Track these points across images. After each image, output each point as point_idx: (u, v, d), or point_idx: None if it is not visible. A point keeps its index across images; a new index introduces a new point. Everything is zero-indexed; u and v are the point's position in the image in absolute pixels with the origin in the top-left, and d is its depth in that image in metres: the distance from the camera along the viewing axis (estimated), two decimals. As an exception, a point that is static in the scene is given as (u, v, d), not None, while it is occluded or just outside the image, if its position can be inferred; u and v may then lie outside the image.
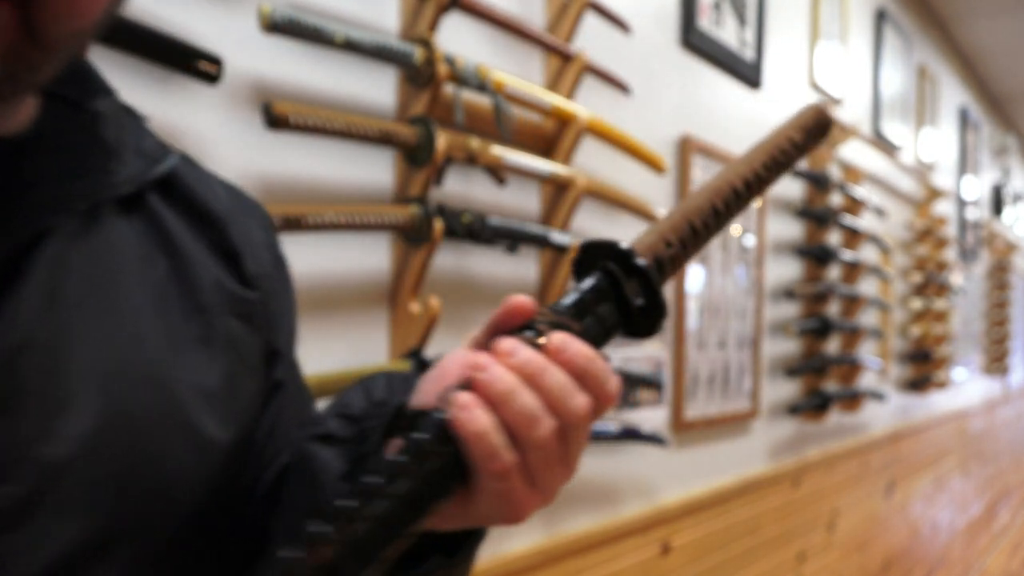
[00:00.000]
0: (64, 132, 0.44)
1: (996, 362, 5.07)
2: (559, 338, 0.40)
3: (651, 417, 1.73)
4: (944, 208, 3.87)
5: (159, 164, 0.48)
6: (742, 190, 0.50)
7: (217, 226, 0.51)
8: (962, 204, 4.28)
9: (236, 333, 0.49)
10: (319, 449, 0.47)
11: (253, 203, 0.57)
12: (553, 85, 1.43)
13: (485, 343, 0.41)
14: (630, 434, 1.54)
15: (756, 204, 2.14)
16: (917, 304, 3.45)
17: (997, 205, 5.14)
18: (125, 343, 0.43)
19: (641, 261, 0.45)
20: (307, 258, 1.03)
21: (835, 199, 2.60)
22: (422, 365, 1.09)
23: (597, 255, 0.45)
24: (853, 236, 2.67)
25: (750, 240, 2.14)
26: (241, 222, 0.53)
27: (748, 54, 2.09)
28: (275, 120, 0.92)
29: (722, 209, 0.49)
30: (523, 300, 0.41)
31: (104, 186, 0.44)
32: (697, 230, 0.47)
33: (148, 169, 0.47)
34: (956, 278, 3.92)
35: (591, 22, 1.51)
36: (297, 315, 0.59)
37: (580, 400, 0.39)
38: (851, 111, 2.80)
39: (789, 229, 2.39)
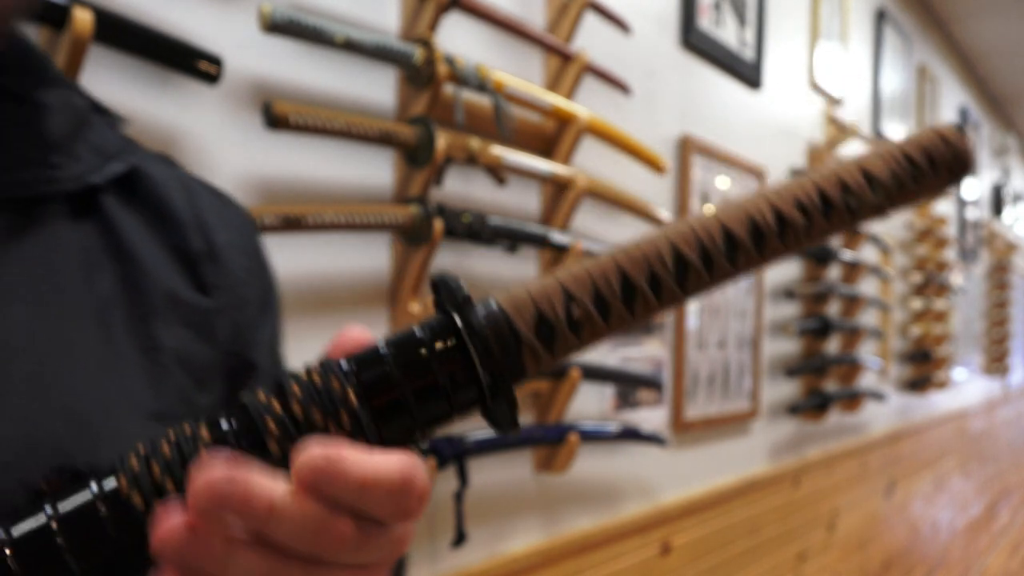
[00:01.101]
0: None
1: (996, 362, 5.07)
2: (316, 460, 0.26)
3: (651, 417, 1.73)
4: (944, 208, 3.87)
5: (115, 163, 0.45)
6: (742, 239, 0.32)
7: (178, 230, 0.47)
8: (962, 204, 4.28)
9: (188, 346, 0.45)
10: None
11: (235, 208, 0.54)
12: (553, 85, 1.43)
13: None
14: (630, 434, 1.54)
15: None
16: (917, 304, 3.45)
17: (997, 205, 5.14)
18: (48, 354, 0.38)
19: (483, 316, 0.30)
20: (307, 258, 1.03)
21: (835, 199, 2.59)
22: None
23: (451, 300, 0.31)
24: (853, 236, 2.67)
25: (750, 240, 2.13)
26: (212, 226, 0.49)
27: (748, 54, 2.09)
28: (275, 120, 0.92)
29: (694, 259, 0.32)
30: (355, 336, 0.31)
31: (40, 181, 0.41)
32: (636, 286, 0.32)
33: (101, 167, 0.43)
34: (956, 278, 3.92)
35: (591, 22, 1.51)
36: (280, 323, 0.55)
37: (348, 536, 0.27)
38: (851, 111, 2.80)
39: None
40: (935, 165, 0.36)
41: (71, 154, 0.42)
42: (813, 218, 0.33)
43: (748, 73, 2.09)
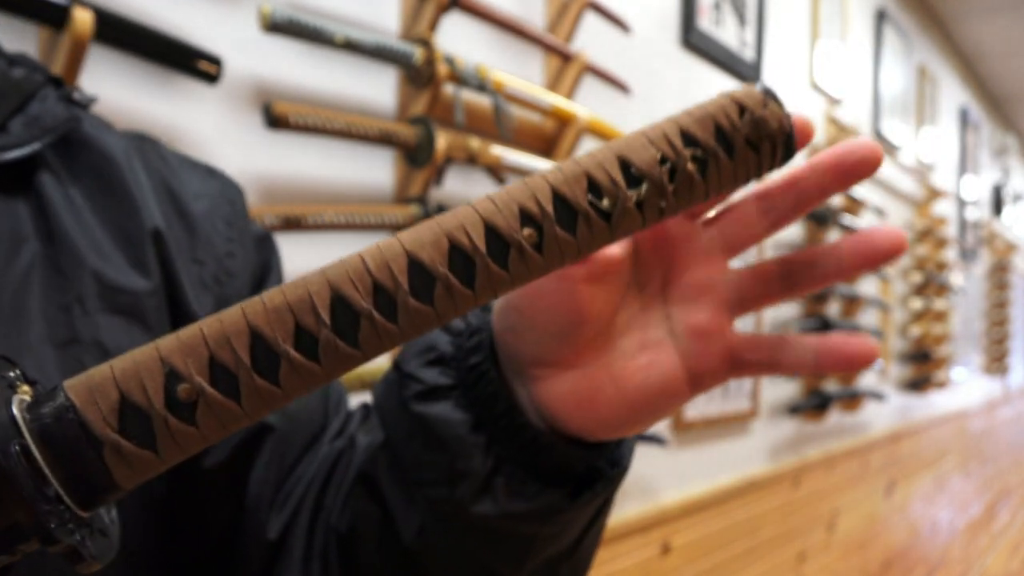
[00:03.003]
0: None
1: (996, 362, 5.07)
2: None
3: (651, 417, 1.73)
4: (944, 208, 3.87)
5: (49, 137, 0.41)
6: (438, 270, 0.24)
7: (126, 207, 0.43)
8: (962, 204, 4.28)
9: (111, 334, 0.40)
10: (427, 408, 0.36)
11: (217, 179, 0.50)
12: (553, 85, 1.43)
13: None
14: (630, 434, 1.54)
15: None
16: (917, 304, 3.45)
17: (997, 205, 5.14)
18: None
19: (35, 417, 0.22)
20: (307, 258, 1.03)
21: (835, 199, 2.60)
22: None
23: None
24: (853, 236, 2.66)
25: (750, 240, 2.13)
26: (188, 197, 0.46)
27: (748, 54, 2.09)
28: (275, 120, 0.92)
29: (363, 305, 0.23)
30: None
31: None
32: (274, 348, 0.23)
33: (30, 142, 0.40)
34: (956, 278, 3.92)
35: (591, 22, 1.51)
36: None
37: None
38: (851, 111, 2.80)
39: (789, 229, 2.39)
40: (730, 146, 0.26)
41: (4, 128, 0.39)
42: (547, 232, 0.24)
43: (748, 73, 2.09)
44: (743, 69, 2.07)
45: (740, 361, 0.33)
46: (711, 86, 1.96)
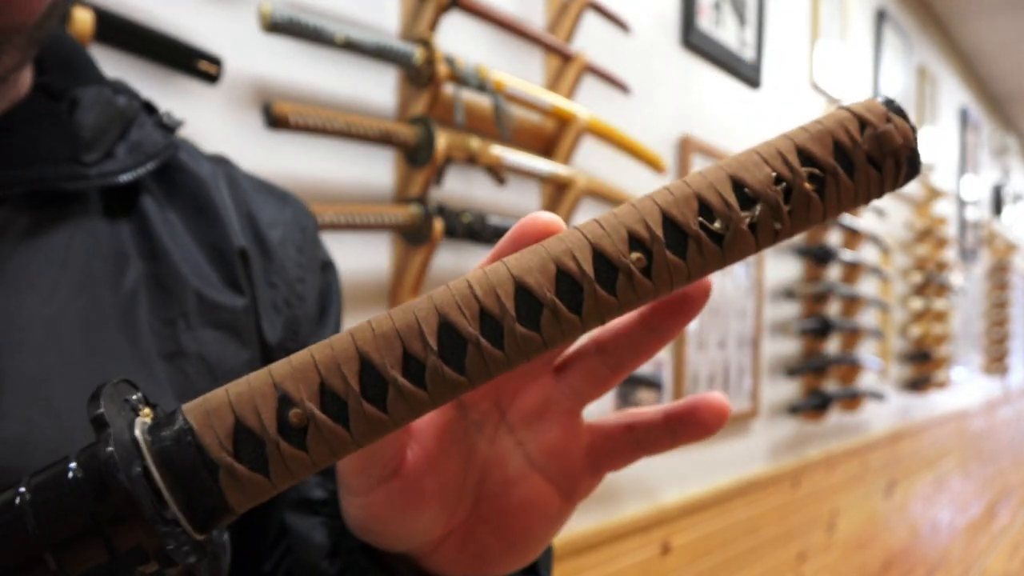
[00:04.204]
0: (30, 120, 0.40)
1: (996, 362, 5.07)
2: None
3: (651, 417, 1.72)
4: (944, 208, 3.87)
5: (152, 162, 0.44)
6: (545, 296, 0.23)
7: (217, 228, 0.46)
8: (962, 204, 4.28)
9: (217, 349, 0.43)
10: (294, 522, 0.36)
11: (293, 205, 0.53)
12: (553, 85, 1.43)
13: None
14: (630, 434, 1.53)
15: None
16: (917, 304, 3.45)
17: (997, 205, 5.14)
18: (61, 353, 0.36)
19: (155, 440, 0.23)
20: (307, 258, 1.03)
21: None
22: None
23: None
24: (853, 236, 2.67)
25: (750, 240, 2.13)
26: (266, 223, 0.49)
27: (748, 54, 2.09)
28: (275, 120, 0.92)
29: (470, 330, 0.23)
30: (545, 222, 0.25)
31: (68, 177, 0.40)
32: (382, 374, 0.23)
33: (136, 166, 0.43)
34: (956, 278, 3.92)
35: (591, 22, 1.51)
36: (340, 323, 0.53)
37: None
38: (851, 111, 2.80)
39: (789, 229, 2.39)
40: (851, 164, 0.24)
41: (107, 152, 0.42)
42: (656, 257, 0.23)
43: (748, 73, 2.09)
44: (743, 69, 2.07)
45: (600, 463, 0.32)
46: (711, 86, 1.96)
